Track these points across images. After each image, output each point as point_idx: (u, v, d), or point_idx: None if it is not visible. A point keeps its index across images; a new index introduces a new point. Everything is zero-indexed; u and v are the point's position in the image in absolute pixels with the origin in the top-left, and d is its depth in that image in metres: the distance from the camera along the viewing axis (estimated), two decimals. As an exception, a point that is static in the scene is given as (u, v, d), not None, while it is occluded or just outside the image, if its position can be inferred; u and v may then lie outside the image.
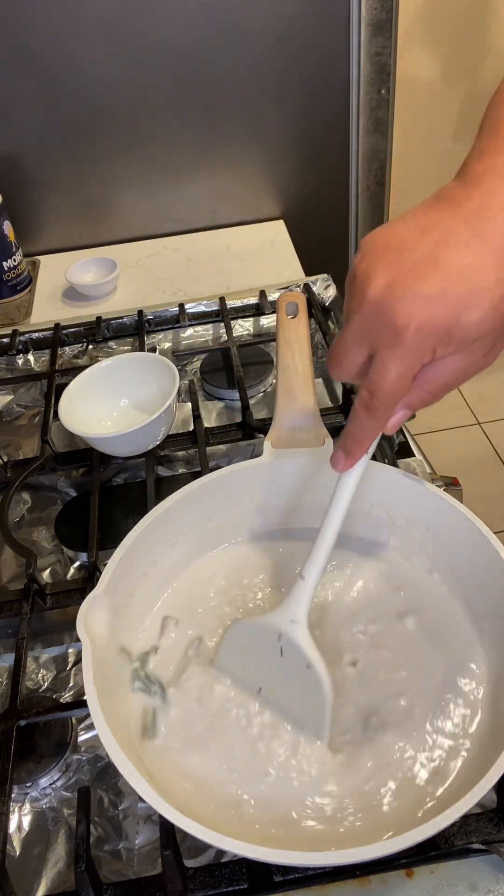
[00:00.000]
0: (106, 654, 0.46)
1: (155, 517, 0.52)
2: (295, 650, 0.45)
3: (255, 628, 0.47)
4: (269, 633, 0.46)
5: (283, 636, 0.45)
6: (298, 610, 0.46)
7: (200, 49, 1.01)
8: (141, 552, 0.51)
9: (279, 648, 0.45)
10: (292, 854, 0.35)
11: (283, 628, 0.45)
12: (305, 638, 0.45)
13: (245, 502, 0.57)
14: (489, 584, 0.47)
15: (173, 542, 0.55)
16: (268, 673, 0.47)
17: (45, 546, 0.69)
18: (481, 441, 1.90)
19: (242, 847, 0.35)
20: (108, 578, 0.47)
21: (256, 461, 0.56)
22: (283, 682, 0.46)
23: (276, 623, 0.46)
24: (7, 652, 0.60)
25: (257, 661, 0.47)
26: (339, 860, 0.35)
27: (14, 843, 0.48)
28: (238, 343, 0.86)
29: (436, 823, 0.35)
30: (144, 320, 0.91)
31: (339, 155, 1.16)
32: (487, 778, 0.36)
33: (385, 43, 1.04)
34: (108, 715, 0.40)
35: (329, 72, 1.07)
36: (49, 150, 1.08)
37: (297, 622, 0.45)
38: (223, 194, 1.17)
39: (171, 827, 0.40)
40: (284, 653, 0.45)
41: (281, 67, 1.05)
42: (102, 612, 0.46)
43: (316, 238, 1.23)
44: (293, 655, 0.45)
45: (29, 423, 0.84)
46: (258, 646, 0.47)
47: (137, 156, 1.11)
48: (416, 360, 0.39)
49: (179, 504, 0.53)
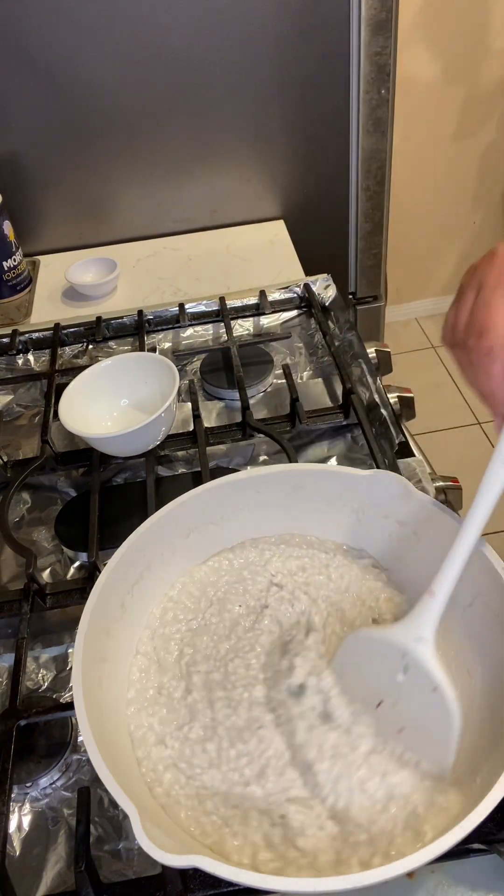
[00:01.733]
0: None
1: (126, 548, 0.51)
2: (420, 671, 0.42)
3: (378, 642, 0.44)
4: (391, 650, 0.43)
5: (407, 655, 0.43)
6: (426, 628, 0.43)
7: (201, 49, 1.01)
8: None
9: (403, 666, 0.43)
10: (303, 881, 0.35)
11: (409, 646, 0.43)
12: (432, 659, 0.42)
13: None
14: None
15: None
16: (390, 688, 0.44)
17: (45, 546, 0.69)
18: (481, 441, 1.90)
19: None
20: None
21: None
22: (406, 700, 0.44)
23: (400, 640, 0.43)
24: (7, 652, 0.60)
25: (378, 673, 0.44)
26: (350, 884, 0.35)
27: (14, 843, 0.48)
28: (238, 343, 0.86)
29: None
30: (144, 320, 0.91)
31: (339, 155, 1.16)
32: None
33: (385, 43, 1.04)
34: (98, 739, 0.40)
35: (329, 72, 1.07)
36: (49, 150, 1.08)
37: (424, 640, 0.43)
38: (223, 194, 1.17)
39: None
40: (409, 672, 0.43)
41: (281, 67, 1.05)
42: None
43: (316, 238, 1.23)
44: (418, 676, 0.42)
45: (29, 423, 0.84)
46: (379, 658, 0.44)
47: (137, 156, 1.11)
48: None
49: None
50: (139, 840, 0.35)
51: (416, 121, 1.86)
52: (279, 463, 0.63)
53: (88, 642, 0.45)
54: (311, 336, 0.90)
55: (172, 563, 0.56)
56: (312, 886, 0.35)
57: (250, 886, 0.35)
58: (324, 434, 0.75)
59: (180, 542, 0.56)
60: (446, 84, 1.85)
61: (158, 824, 0.38)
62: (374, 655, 0.44)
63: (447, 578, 0.44)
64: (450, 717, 0.41)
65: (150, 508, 0.64)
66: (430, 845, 0.35)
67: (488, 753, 0.42)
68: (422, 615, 0.44)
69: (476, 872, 0.43)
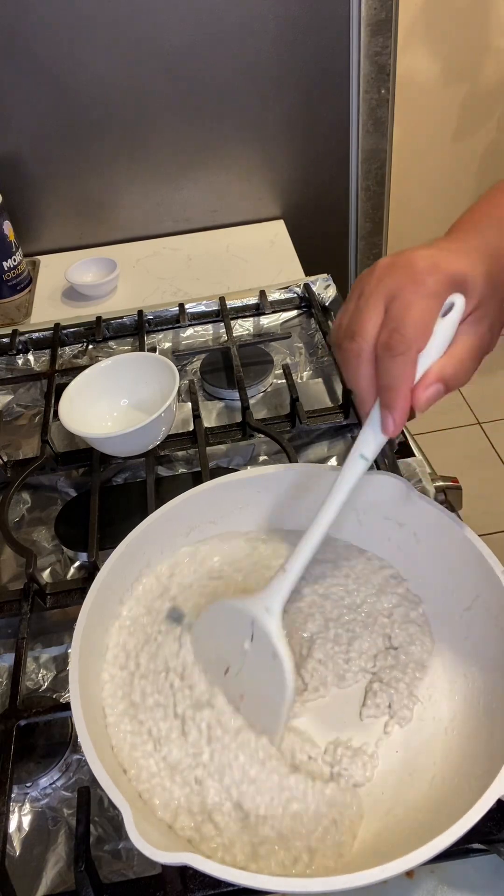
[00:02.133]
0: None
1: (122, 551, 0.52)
2: (264, 638, 0.45)
3: (233, 610, 0.47)
4: (243, 617, 0.46)
5: (255, 622, 0.46)
6: (274, 600, 0.46)
7: (201, 49, 1.01)
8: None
9: (251, 633, 0.46)
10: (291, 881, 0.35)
11: (258, 615, 0.46)
12: (277, 629, 0.45)
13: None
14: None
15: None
16: (237, 655, 0.47)
17: (45, 546, 0.69)
18: (481, 441, 1.90)
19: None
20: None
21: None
22: (249, 667, 0.47)
23: (250, 609, 0.46)
24: (7, 652, 0.60)
25: (229, 641, 0.47)
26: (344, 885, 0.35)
27: (14, 843, 0.48)
28: (238, 343, 0.86)
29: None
30: (144, 320, 0.91)
31: (339, 155, 1.16)
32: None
33: (385, 43, 1.04)
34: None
35: (329, 72, 1.07)
36: (49, 150, 1.08)
37: (272, 612, 0.46)
38: (223, 194, 1.17)
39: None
40: (255, 638, 0.46)
41: (281, 67, 1.05)
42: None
43: (316, 238, 1.23)
44: (262, 643, 0.45)
45: (29, 423, 0.84)
46: (232, 627, 0.47)
47: (137, 156, 1.11)
48: (436, 300, 0.41)
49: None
50: (130, 836, 0.36)
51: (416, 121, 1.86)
52: (279, 463, 0.63)
53: (86, 637, 0.46)
54: (311, 336, 0.90)
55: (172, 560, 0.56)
56: (310, 886, 0.35)
57: (242, 885, 0.35)
58: (324, 434, 0.76)
59: (181, 539, 0.56)
60: (446, 84, 1.85)
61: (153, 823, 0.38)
62: (227, 623, 0.47)
63: (299, 559, 0.46)
64: (284, 686, 0.44)
65: (150, 508, 0.64)
66: (429, 844, 0.35)
67: (486, 753, 0.42)
68: (273, 589, 0.46)
69: (476, 872, 0.43)
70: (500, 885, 0.42)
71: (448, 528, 0.50)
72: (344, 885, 0.34)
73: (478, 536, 0.49)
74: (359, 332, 0.42)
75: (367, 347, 0.42)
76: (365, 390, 0.44)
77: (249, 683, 0.46)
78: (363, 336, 0.42)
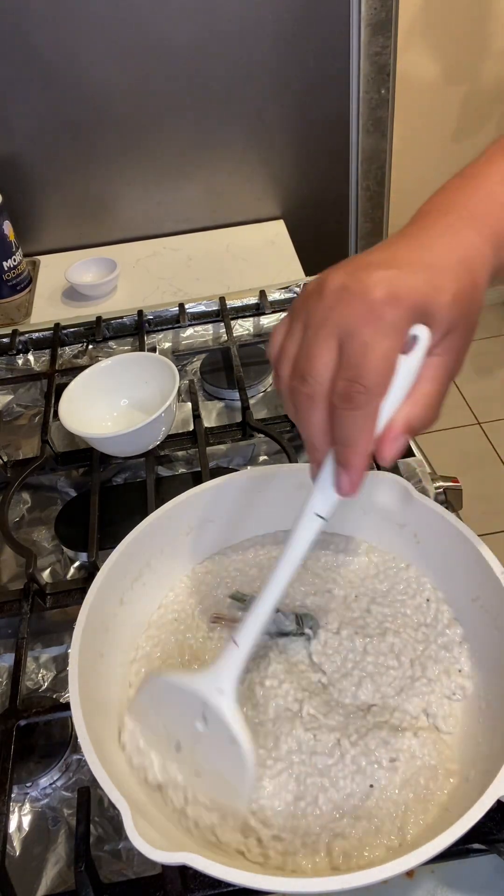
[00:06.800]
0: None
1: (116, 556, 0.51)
2: (219, 722, 0.41)
3: (178, 688, 0.42)
4: (192, 698, 0.42)
5: (207, 704, 0.41)
6: (226, 679, 0.41)
7: (201, 49, 1.01)
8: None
9: (201, 714, 0.42)
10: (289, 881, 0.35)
11: (209, 697, 0.41)
12: (232, 712, 0.40)
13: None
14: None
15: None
16: (188, 734, 0.43)
17: (45, 546, 0.69)
18: (481, 441, 1.90)
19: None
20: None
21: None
22: (203, 748, 0.43)
23: (200, 689, 0.41)
24: (7, 652, 0.60)
25: (178, 720, 0.43)
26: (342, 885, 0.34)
27: (14, 843, 0.48)
28: (238, 343, 0.86)
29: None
30: (144, 320, 0.91)
31: (339, 155, 1.16)
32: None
33: (385, 43, 1.04)
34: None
35: (329, 72, 1.07)
36: (49, 150, 1.08)
37: (224, 693, 0.41)
38: (223, 194, 1.17)
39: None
40: (208, 721, 0.42)
41: (281, 67, 1.05)
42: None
43: (316, 238, 1.23)
44: (216, 727, 0.41)
45: (29, 423, 0.84)
46: (179, 705, 0.43)
47: (137, 156, 1.11)
48: (397, 336, 0.35)
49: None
50: (129, 835, 0.35)
51: (416, 121, 1.86)
52: (279, 463, 0.63)
53: (86, 637, 0.45)
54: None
55: (173, 561, 0.56)
56: (310, 887, 0.35)
57: (242, 885, 0.35)
58: (324, 434, 0.75)
59: (181, 539, 0.56)
60: (446, 84, 1.85)
61: (153, 823, 0.38)
62: (174, 701, 0.43)
63: (251, 632, 0.42)
64: (245, 769, 0.40)
65: (150, 508, 0.64)
66: (429, 844, 0.35)
67: (486, 752, 0.42)
68: (224, 666, 0.42)
69: (476, 872, 0.43)
70: (500, 885, 0.42)
71: (448, 528, 0.50)
72: (344, 885, 0.34)
73: (478, 536, 0.49)
74: (309, 372, 0.36)
75: (321, 391, 0.36)
76: (318, 439, 0.38)
77: (205, 763, 0.43)
78: (315, 379, 0.36)
